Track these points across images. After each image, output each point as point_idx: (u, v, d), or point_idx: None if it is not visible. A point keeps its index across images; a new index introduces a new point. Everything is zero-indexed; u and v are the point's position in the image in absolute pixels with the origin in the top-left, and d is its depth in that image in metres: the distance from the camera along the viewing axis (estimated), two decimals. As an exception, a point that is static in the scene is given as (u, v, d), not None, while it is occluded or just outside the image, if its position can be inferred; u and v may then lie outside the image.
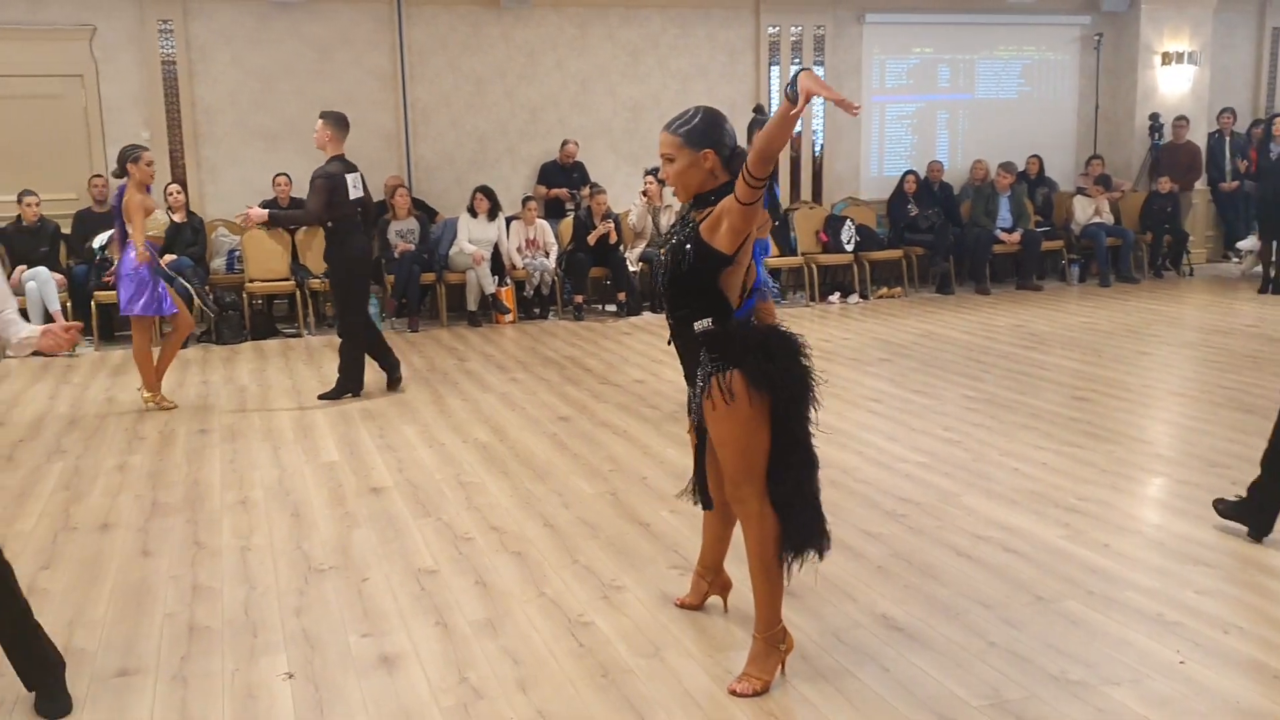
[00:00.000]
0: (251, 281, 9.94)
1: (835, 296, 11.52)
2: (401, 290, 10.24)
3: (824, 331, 9.72)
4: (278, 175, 10.34)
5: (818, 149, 12.65)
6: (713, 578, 3.94)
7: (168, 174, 10.44)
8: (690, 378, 3.50)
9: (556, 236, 10.93)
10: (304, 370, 8.41)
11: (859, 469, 5.63)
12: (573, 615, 3.95)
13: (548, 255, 10.73)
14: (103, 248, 9.52)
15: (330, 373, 7.73)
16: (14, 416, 7.15)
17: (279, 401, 7.46)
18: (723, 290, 3.31)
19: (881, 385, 7.54)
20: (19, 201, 9.59)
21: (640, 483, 5.46)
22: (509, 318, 10.51)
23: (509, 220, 10.74)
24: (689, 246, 3.28)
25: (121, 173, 6.98)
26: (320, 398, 7.40)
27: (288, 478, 5.70)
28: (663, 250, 3.42)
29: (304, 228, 9.82)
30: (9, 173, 9.97)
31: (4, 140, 10.11)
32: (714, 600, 4.00)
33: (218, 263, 10.18)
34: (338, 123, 7.26)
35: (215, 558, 4.59)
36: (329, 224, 7.27)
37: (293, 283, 10.05)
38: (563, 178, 11.43)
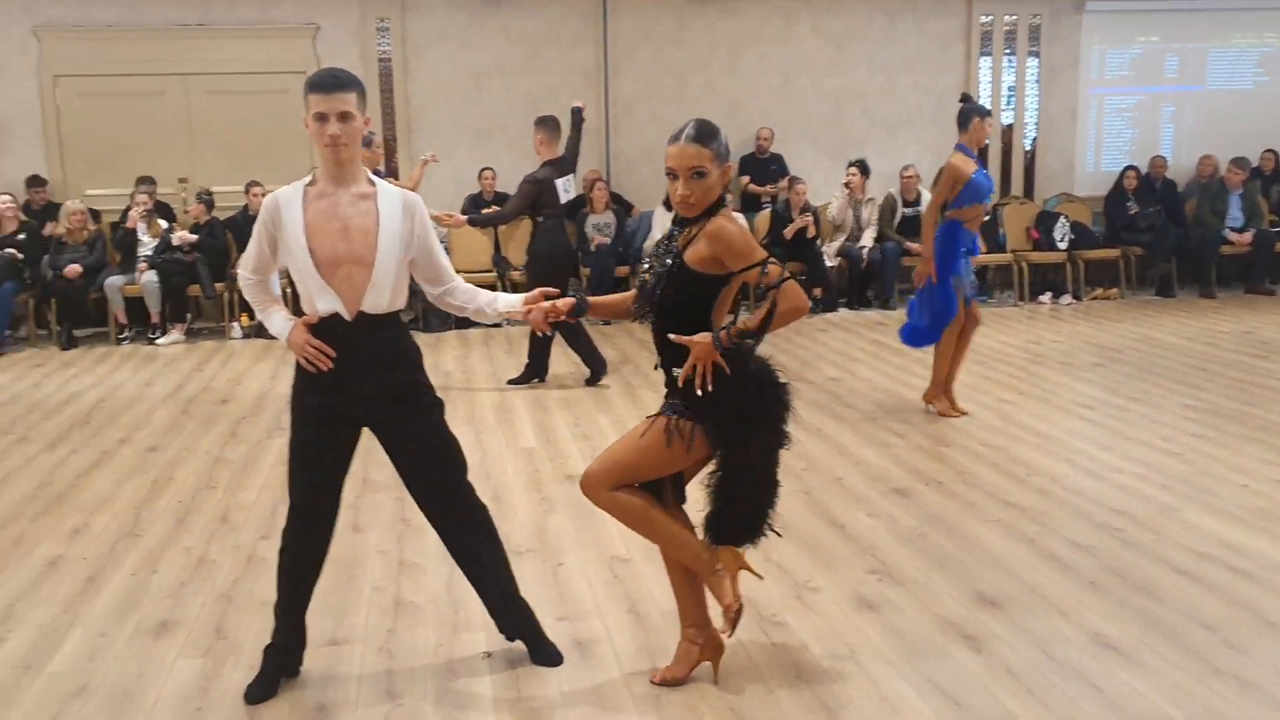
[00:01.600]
0: (457, 272, 10.26)
1: (1046, 296, 11.02)
2: (597, 283, 10.37)
3: (1033, 333, 9.32)
4: (484, 170, 10.66)
5: (1029, 142, 12.14)
6: (702, 639, 3.41)
7: (381, 168, 10.89)
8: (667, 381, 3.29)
9: (753, 229, 10.85)
10: (504, 358, 8.63)
11: (1068, 477, 5.36)
12: (765, 613, 3.89)
13: (744, 249, 10.65)
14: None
15: (560, 359, 7.90)
16: (238, 393, 7.60)
17: (481, 388, 7.67)
18: (713, 319, 3.18)
19: (1094, 391, 7.17)
20: (246, 191, 10.19)
21: (835, 483, 5.35)
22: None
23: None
24: (676, 270, 3.15)
25: None
26: (509, 382, 7.62)
27: (489, 461, 5.84)
28: (647, 273, 3.25)
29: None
30: (238, 164, 10.61)
31: (233, 133, 10.78)
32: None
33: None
34: (550, 126, 7.47)
35: (420, 535, 4.73)
36: (538, 219, 7.49)
37: (494, 274, 10.35)
38: (762, 169, 11.35)
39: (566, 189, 7.49)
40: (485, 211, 9.74)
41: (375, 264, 3.20)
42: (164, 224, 9.91)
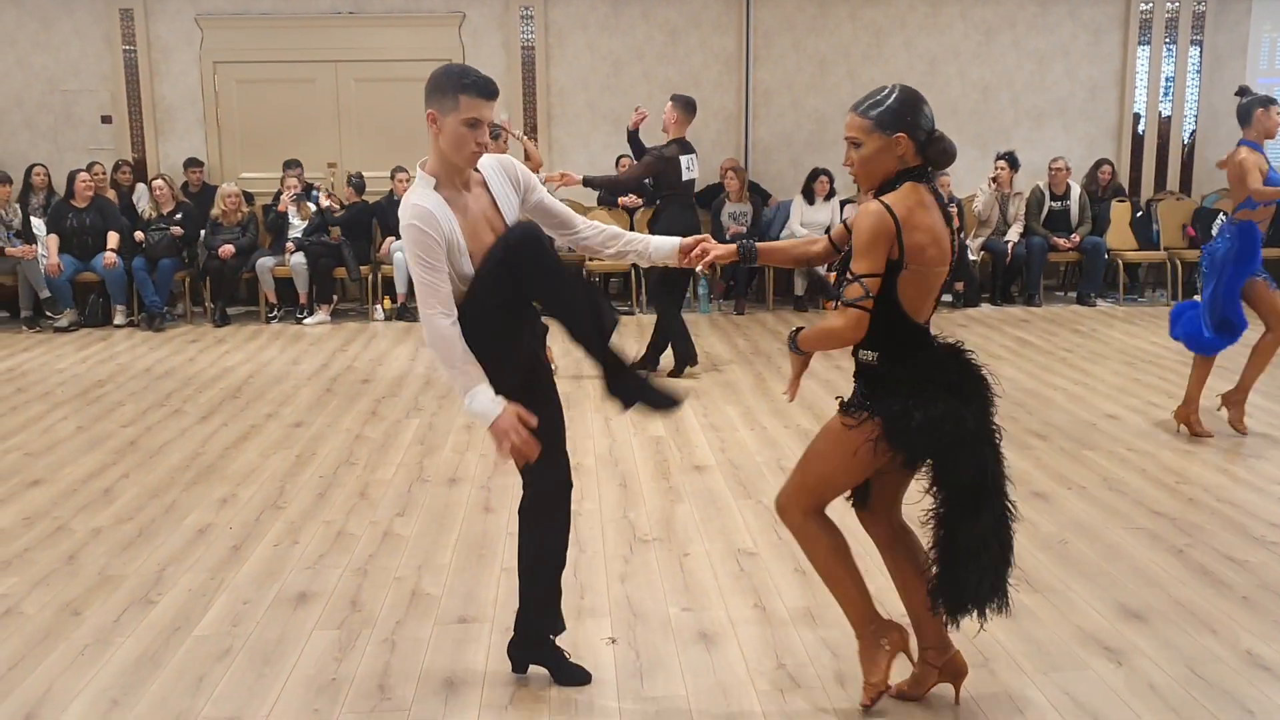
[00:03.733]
0: (590, 260, 10.35)
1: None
2: (730, 272, 10.32)
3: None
4: (621, 157, 10.68)
5: (1188, 135, 11.59)
6: (943, 660, 3.18)
7: (520, 155, 11.03)
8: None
9: (892, 222, 10.62)
10: (635, 347, 8.64)
11: (1222, 487, 5.10)
12: (896, 615, 3.80)
13: (883, 241, 10.45)
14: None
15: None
16: (379, 374, 7.80)
17: (612, 374, 7.70)
18: (903, 307, 2.88)
19: (1251, 397, 6.79)
20: (391, 177, 10.44)
21: (972, 482, 5.19)
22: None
23: (843, 204, 10.57)
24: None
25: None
26: (670, 375, 7.52)
27: (617, 448, 5.87)
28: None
29: (643, 208, 10.10)
30: (384, 150, 10.89)
31: (381, 119, 11.07)
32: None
33: (560, 243, 10.67)
34: (686, 106, 7.46)
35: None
36: (658, 200, 7.51)
37: (627, 262, 10.36)
38: (903, 161, 11.10)
39: (689, 168, 7.46)
40: (601, 175, 9.76)
41: None
42: (313, 207, 10.23)
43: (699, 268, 3.40)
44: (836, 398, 3.10)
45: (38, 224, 9.85)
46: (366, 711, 3.22)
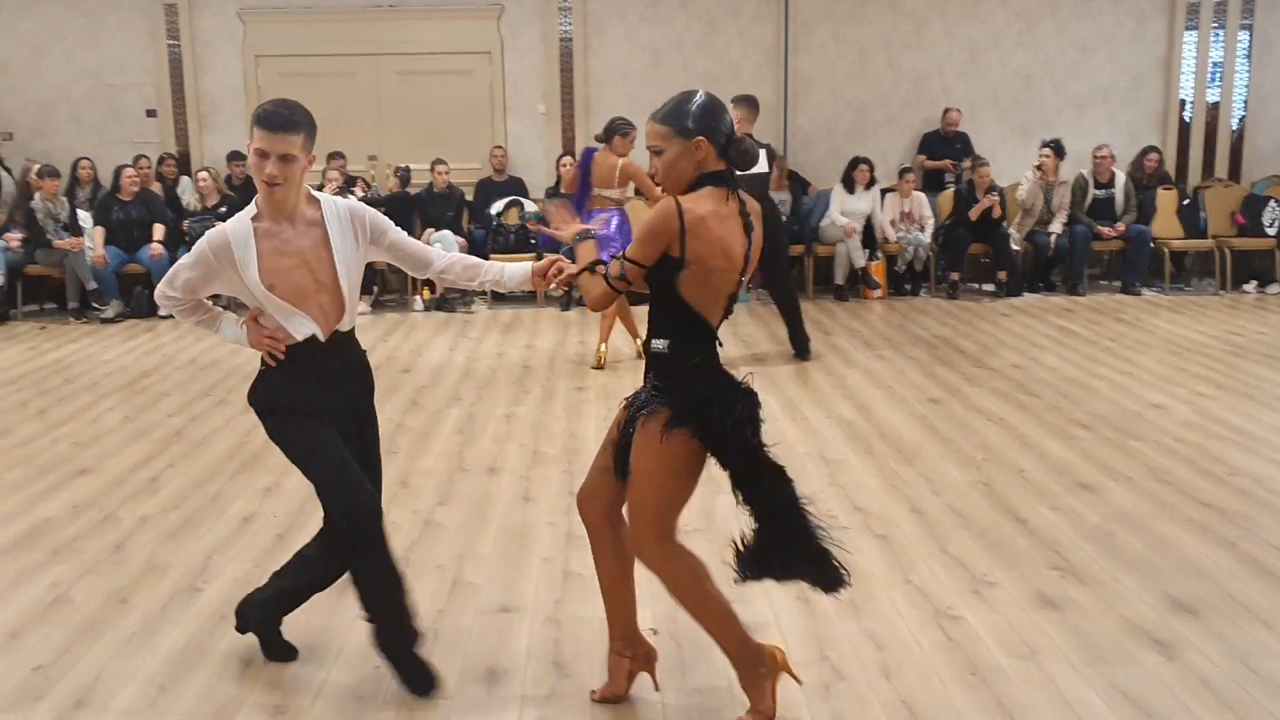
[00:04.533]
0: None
1: (1251, 285, 10.35)
2: (762, 263, 10.24)
3: (1234, 323, 8.76)
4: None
5: (1236, 121, 11.39)
6: (632, 651, 3.20)
7: (559, 146, 11.05)
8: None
9: (934, 210, 10.54)
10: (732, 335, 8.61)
11: (1274, 478, 5.01)
12: (940, 606, 3.77)
13: (923, 229, 10.38)
14: (498, 214, 10.28)
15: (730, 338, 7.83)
16: (419, 364, 7.84)
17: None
18: (689, 303, 2.88)
19: (1304, 387, 6.68)
20: (431, 169, 10.49)
21: (1017, 474, 5.14)
22: (878, 293, 10.27)
23: (884, 192, 10.49)
24: None
25: (606, 140, 7.57)
26: (799, 360, 7.64)
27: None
28: None
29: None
30: (423, 142, 10.94)
31: (421, 112, 11.12)
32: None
33: (425, 276, 10.65)
34: (750, 105, 7.58)
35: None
36: None
37: (489, 289, 10.33)
38: (945, 148, 11.00)
39: (759, 164, 7.48)
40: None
41: (342, 289, 3.20)
42: (353, 197, 10.28)
43: (551, 286, 3.44)
44: (622, 401, 3.10)
45: (84, 217, 9.98)
46: (410, 699, 3.24)
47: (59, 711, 3.21)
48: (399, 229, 3.40)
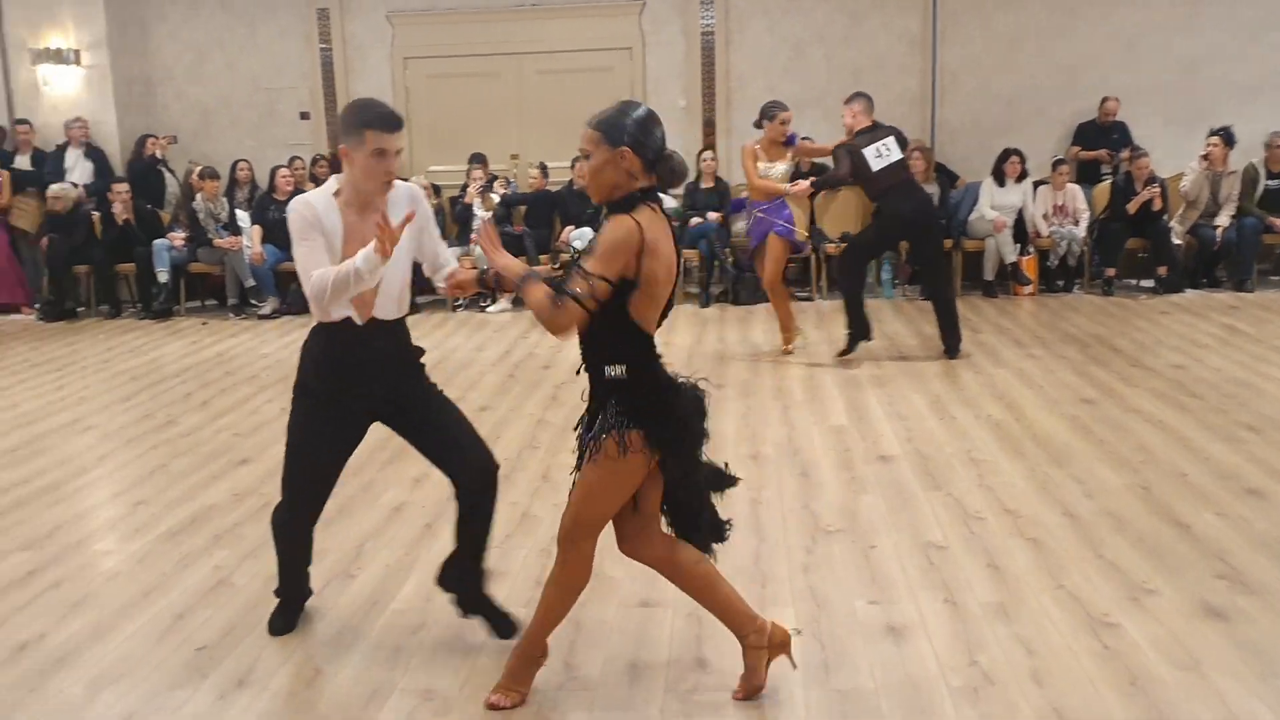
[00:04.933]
0: (804, 240, 10.22)
1: None
2: (913, 256, 10.04)
3: None
4: (802, 138, 10.53)
5: None
6: (766, 639, 3.22)
7: (699, 141, 11.03)
8: (590, 409, 3.12)
9: (1089, 203, 10.15)
10: (814, 333, 8.52)
11: None
12: (1095, 613, 3.63)
13: (1077, 223, 10.01)
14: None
15: (840, 334, 7.74)
16: (559, 360, 7.93)
17: (789, 362, 7.62)
18: (635, 320, 2.94)
19: None
20: (572, 167, 10.59)
21: (1178, 478, 4.91)
22: (1029, 289, 9.94)
23: (1036, 185, 10.15)
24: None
25: (759, 124, 7.78)
26: (839, 355, 7.53)
27: (797, 436, 5.79)
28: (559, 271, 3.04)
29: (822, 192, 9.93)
30: (566, 140, 11.02)
31: (562, 110, 11.21)
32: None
33: (739, 226, 10.61)
34: (862, 100, 7.50)
35: (727, 506, 4.71)
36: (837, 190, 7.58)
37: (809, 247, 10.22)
38: (1101, 139, 10.59)
39: (880, 154, 7.30)
40: (823, 176, 9.62)
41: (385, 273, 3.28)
42: (496, 196, 10.48)
43: (443, 290, 3.63)
44: (575, 428, 3.23)
45: (242, 216, 10.43)
46: (555, 688, 3.28)
47: (222, 689, 3.35)
48: (433, 227, 3.59)
